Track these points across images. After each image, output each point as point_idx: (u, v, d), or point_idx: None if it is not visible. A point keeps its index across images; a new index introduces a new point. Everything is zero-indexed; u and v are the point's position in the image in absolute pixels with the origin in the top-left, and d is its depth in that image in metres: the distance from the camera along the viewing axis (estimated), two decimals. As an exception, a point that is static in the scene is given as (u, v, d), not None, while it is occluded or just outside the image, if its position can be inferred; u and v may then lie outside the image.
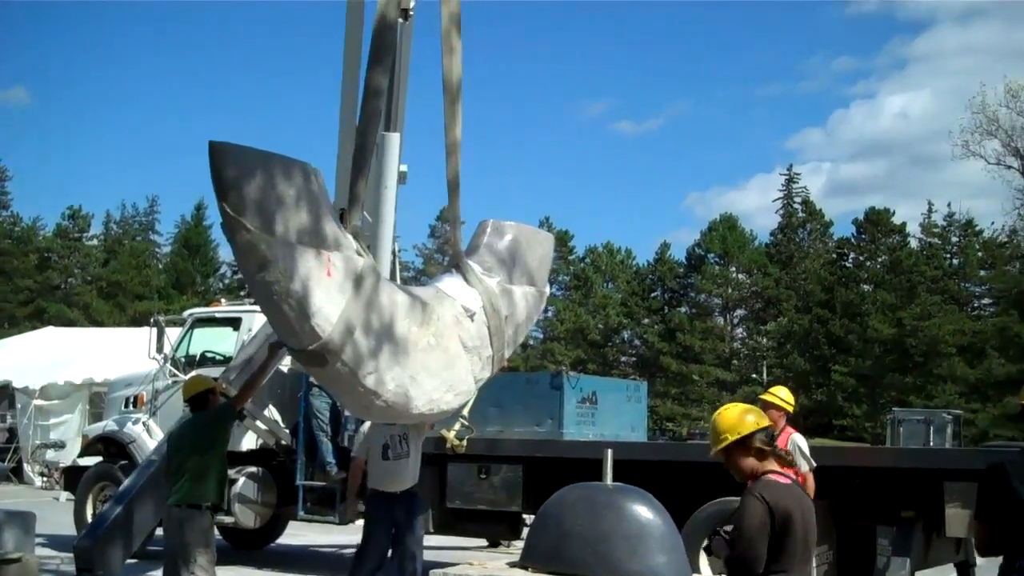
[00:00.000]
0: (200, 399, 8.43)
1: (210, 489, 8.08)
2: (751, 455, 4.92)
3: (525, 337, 8.10)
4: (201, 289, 67.22)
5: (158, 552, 13.74)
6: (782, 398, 9.14)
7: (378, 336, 6.52)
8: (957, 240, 62.83)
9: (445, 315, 7.15)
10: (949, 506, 9.37)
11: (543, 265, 8.09)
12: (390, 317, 6.66)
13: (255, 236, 5.93)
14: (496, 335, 7.42)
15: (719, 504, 10.20)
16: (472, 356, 7.31)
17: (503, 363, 7.78)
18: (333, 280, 6.20)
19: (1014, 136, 58.68)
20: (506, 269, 7.73)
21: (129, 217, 75.06)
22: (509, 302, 7.61)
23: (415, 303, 7.00)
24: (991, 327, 52.51)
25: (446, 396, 7.18)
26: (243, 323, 13.88)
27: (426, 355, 6.95)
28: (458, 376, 7.20)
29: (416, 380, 6.87)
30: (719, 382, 62.41)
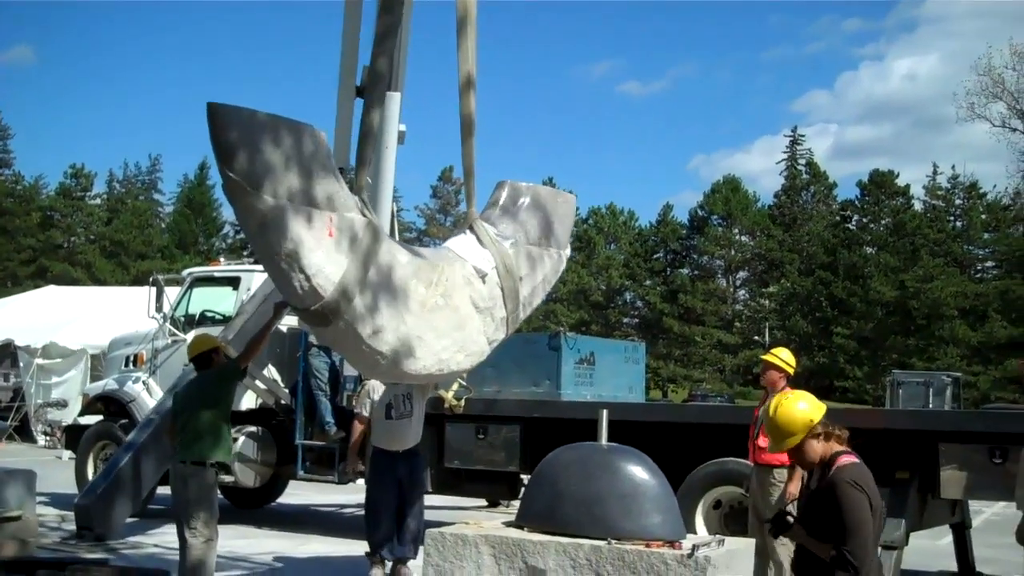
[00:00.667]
0: (204, 358, 8.49)
1: (215, 447, 8.12)
2: (818, 439, 4.95)
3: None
4: (204, 248, 67.32)
5: (159, 511, 13.88)
6: (783, 359, 9.13)
7: (382, 296, 6.55)
8: (961, 203, 62.69)
9: (455, 276, 7.13)
10: (944, 468, 9.39)
11: (563, 226, 7.99)
12: (395, 277, 6.68)
13: (255, 198, 5.97)
14: (510, 296, 7.38)
15: (716, 464, 10.24)
16: (484, 317, 7.29)
17: (518, 323, 7.74)
18: (335, 241, 6.23)
19: (1020, 99, 58.44)
20: (523, 230, 7.67)
21: (132, 176, 75.11)
22: (525, 263, 7.55)
23: (423, 263, 6.99)
24: (993, 290, 52.59)
25: (456, 356, 7.18)
26: (242, 282, 13.88)
27: (434, 315, 6.95)
28: (469, 337, 7.19)
29: (423, 340, 6.88)
30: (721, 344, 62.51)
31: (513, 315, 7.46)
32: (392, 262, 6.72)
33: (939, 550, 12.16)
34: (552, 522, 7.25)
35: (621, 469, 7.41)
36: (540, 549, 7.03)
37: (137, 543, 11.66)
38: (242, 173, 5.96)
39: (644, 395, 15.24)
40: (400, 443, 9.36)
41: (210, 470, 8.10)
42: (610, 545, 6.84)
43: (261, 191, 5.98)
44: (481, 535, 7.34)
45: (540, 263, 7.68)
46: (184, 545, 8.17)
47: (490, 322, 7.33)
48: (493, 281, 7.34)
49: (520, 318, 7.61)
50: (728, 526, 10.11)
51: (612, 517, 7.10)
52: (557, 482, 7.50)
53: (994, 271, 59.67)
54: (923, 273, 53.82)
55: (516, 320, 7.56)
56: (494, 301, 7.33)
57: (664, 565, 6.66)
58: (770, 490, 8.73)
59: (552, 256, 7.78)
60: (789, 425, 4.93)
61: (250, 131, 6.01)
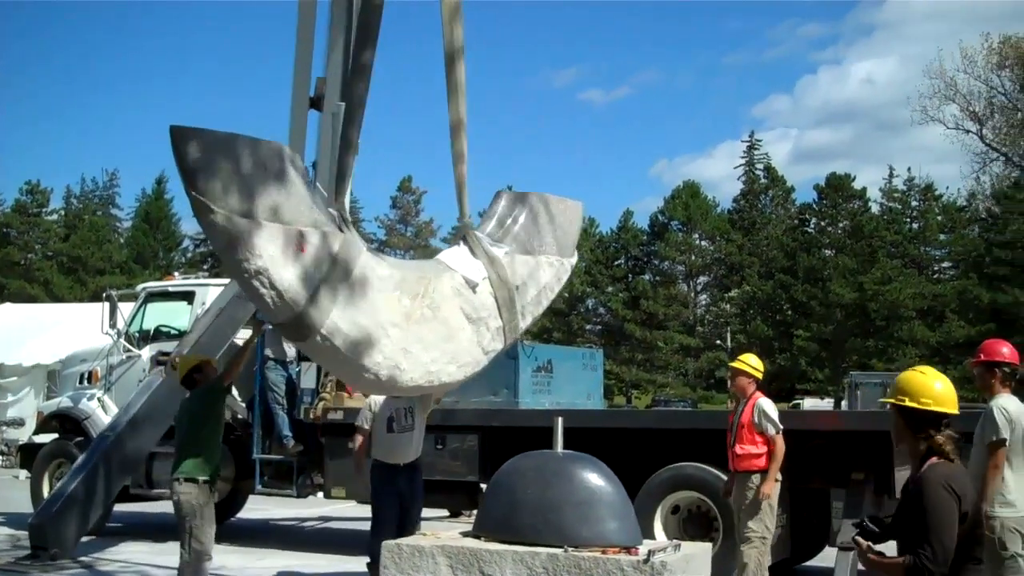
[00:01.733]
0: (187, 379, 8.69)
1: (199, 464, 8.27)
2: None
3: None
4: (163, 263, 66.67)
5: (116, 529, 13.76)
6: (751, 365, 9.22)
7: (361, 309, 6.58)
8: (917, 204, 63.28)
9: (443, 287, 7.11)
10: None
11: (565, 233, 7.90)
12: (375, 291, 6.69)
13: (220, 217, 6.06)
14: (505, 306, 7.34)
15: (673, 470, 10.26)
16: (478, 327, 7.25)
17: (518, 333, 7.66)
18: (307, 256, 6.31)
19: (972, 101, 59.21)
20: (520, 239, 7.60)
21: (89, 191, 74.36)
22: (522, 272, 7.48)
23: (407, 276, 6.99)
24: (951, 290, 53.18)
25: (447, 368, 7.14)
26: (196, 297, 13.78)
27: (420, 327, 6.94)
28: (461, 348, 7.16)
29: (409, 352, 6.87)
30: (683, 348, 62.77)
31: (511, 324, 7.41)
32: (371, 276, 6.73)
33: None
34: (509, 531, 7.24)
35: (577, 476, 7.40)
36: (497, 558, 7.01)
37: (92, 562, 11.52)
38: (206, 193, 6.05)
39: (603, 402, 15.25)
40: (401, 456, 9.32)
41: (202, 487, 8.24)
42: (567, 553, 6.83)
43: (227, 210, 6.06)
44: (438, 546, 7.31)
45: (539, 271, 7.61)
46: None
47: (485, 332, 7.29)
48: (486, 291, 7.30)
49: (521, 327, 7.56)
50: (686, 531, 10.14)
51: (569, 524, 7.09)
52: (513, 491, 7.48)
53: (951, 272, 60.33)
54: (881, 275, 54.27)
55: (515, 329, 7.51)
56: (488, 311, 7.29)
57: (620, 571, 6.65)
58: (746, 494, 8.85)
59: (553, 264, 7.71)
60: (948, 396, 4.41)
61: (213, 151, 6.09)
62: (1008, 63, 57.81)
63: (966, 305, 51.78)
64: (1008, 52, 57.44)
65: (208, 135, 6.12)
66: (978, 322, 50.34)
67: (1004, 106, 59.44)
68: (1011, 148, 59.73)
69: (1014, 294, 48.25)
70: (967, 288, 51.80)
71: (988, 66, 58.49)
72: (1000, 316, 49.58)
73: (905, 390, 4.45)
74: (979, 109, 59.81)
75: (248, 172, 6.16)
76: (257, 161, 6.24)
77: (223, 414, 8.94)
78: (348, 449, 12.27)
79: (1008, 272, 50.18)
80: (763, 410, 8.90)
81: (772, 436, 8.83)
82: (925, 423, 4.37)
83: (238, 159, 6.15)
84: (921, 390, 4.41)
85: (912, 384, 4.46)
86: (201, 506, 8.25)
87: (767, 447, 8.83)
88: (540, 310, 7.79)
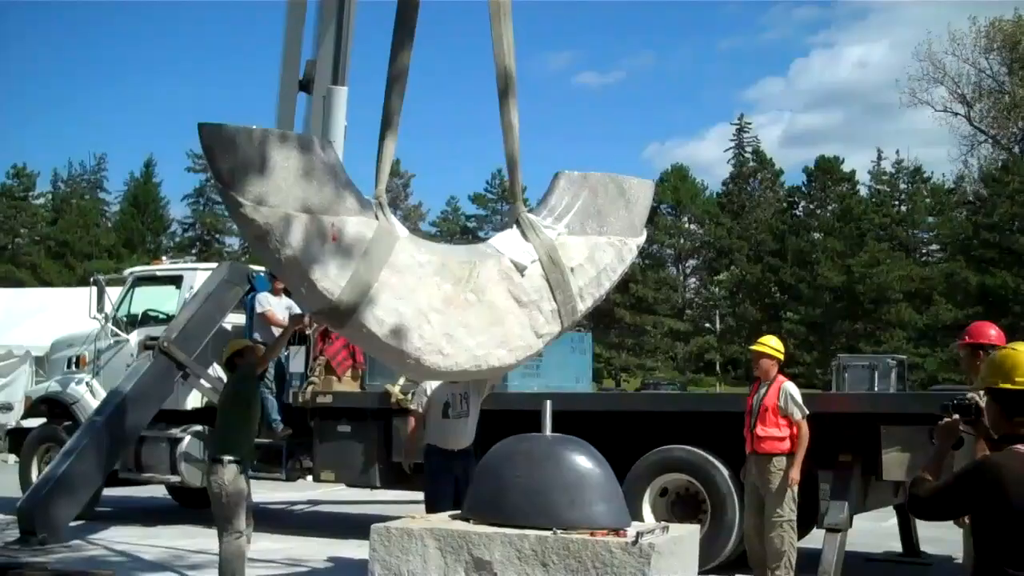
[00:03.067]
0: (229, 362, 8.99)
1: (231, 443, 8.45)
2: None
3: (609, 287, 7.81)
4: (152, 247, 66.46)
5: (105, 513, 13.76)
6: (773, 347, 9.28)
7: (398, 296, 6.69)
8: (905, 187, 63.38)
9: (489, 271, 7.11)
10: (886, 450, 9.49)
11: (633, 212, 7.74)
12: (414, 277, 6.78)
13: (249, 209, 6.29)
14: (558, 288, 7.27)
15: (662, 452, 10.30)
16: (530, 311, 7.21)
17: (577, 315, 7.54)
18: (340, 245, 6.47)
19: (960, 83, 59.29)
20: (579, 220, 7.49)
21: (76, 175, 73.92)
22: (578, 254, 7.37)
23: (449, 261, 7.02)
24: (938, 273, 53.30)
25: (496, 352, 7.13)
26: (184, 281, 13.76)
27: (464, 312, 6.97)
28: (511, 332, 7.15)
29: (453, 337, 6.92)
30: (673, 332, 62.81)
31: (567, 307, 7.32)
32: (409, 262, 6.82)
33: (884, 531, 12.33)
34: (498, 514, 7.26)
35: (565, 459, 7.42)
36: (486, 541, 7.03)
37: (81, 546, 11.54)
38: (235, 187, 6.30)
39: (591, 385, 15.26)
40: (455, 442, 9.29)
41: (228, 466, 8.35)
42: (555, 535, 6.85)
43: (254, 202, 6.28)
44: (426, 528, 7.32)
45: (599, 253, 7.47)
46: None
47: (537, 315, 7.25)
48: (536, 273, 7.25)
49: (580, 309, 7.43)
50: (675, 513, 10.18)
51: (557, 507, 7.11)
52: (502, 474, 7.50)
53: (939, 254, 60.42)
54: (869, 258, 54.32)
55: (573, 311, 7.40)
56: (539, 294, 7.25)
57: (609, 553, 6.68)
58: (770, 478, 8.89)
59: (614, 244, 7.55)
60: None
61: (240, 145, 6.31)
62: (996, 46, 57.92)
63: (954, 288, 51.89)
64: (996, 35, 57.53)
65: (235, 130, 6.30)
66: (966, 305, 50.46)
67: (992, 89, 59.57)
68: (999, 131, 59.87)
69: (1002, 277, 48.38)
70: (955, 271, 51.90)
71: (976, 49, 58.60)
72: (988, 299, 49.72)
73: (999, 371, 3.85)
74: (967, 92, 59.95)
75: (276, 165, 6.35)
76: (286, 154, 6.42)
77: (254, 399, 9.00)
78: (337, 432, 12.34)
79: (996, 255, 50.31)
80: (789, 393, 8.95)
81: (798, 420, 8.87)
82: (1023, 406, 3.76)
83: (266, 152, 6.36)
84: (1014, 368, 3.81)
85: (1007, 364, 3.85)
86: (228, 485, 8.34)
87: (790, 430, 8.88)
88: (602, 291, 7.64)
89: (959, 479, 3.70)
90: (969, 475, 3.67)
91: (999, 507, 3.53)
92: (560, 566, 6.78)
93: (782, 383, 9.04)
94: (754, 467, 9.05)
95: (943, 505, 3.76)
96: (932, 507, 3.80)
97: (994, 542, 3.58)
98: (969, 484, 3.65)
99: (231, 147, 6.27)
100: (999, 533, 3.56)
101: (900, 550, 11.49)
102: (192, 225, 72.88)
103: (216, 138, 6.28)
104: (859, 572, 10.03)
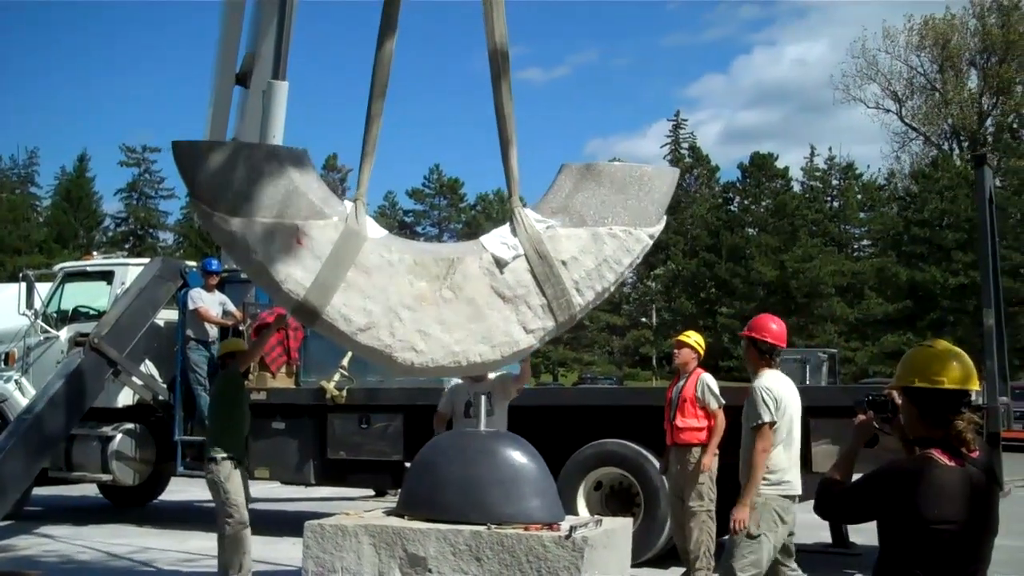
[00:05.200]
0: (221, 362, 9.33)
1: (223, 441, 8.80)
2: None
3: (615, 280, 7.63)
4: (84, 243, 65.43)
5: (34, 513, 13.55)
6: (696, 340, 9.42)
7: (366, 294, 6.94)
8: (838, 184, 64.29)
9: (469, 267, 7.13)
10: (816, 443, 9.64)
11: (645, 201, 7.47)
12: (384, 276, 6.99)
13: (218, 220, 6.77)
14: (546, 282, 7.17)
15: (595, 446, 10.37)
16: (516, 305, 7.15)
17: (574, 309, 7.39)
18: (305, 248, 6.84)
19: (892, 80, 60.31)
20: (578, 212, 7.32)
21: (7, 169, 72.61)
22: (571, 246, 7.27)
23: (422, 259, 7.13)
24: (869, 268, 54.13)
25: (477, 348, 7.11)
26: (116, 276, 13.59)
27: (439, 309, 7.03)
28: (494, 327, 7.11)
29: (428, 334, 7.00)
30: (609, 326, 63.19)
31: (559, 301, 7.21)
32: (379, 262, 7.01)
33: (813, 522, 12.46)
34: (432, 509, 7.27)
35: (500, 454, 7.45)
36: (420, 537, 7.04)
37: (10, 546, 11.36)
38: (204, 198, 6.81)
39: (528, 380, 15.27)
40: None
41: (222, 463, 8.73)
42: (490, 530, 6.88)
43: (221, 211, 6.77)
44: (360, 525, 7.31)
45: (598, 244, 7.34)
46: None
47: (525, 310, 7.18)
48: (522, 268, 7.20)
49: (578, 302, 7.27)
50: (608, 506, 10.26)
51: (492, 502, 7.14)
52: (437, 469, 7.52)
53: (870, 249, 61.40)
54: (802, 253, 55.03)
55: (569, 305, 7.24)
56: (525, 288, 7.19)
57: (543, 547, 6.72)
58: (689, 468, 9.02)
59: (617, 235, 7.32)
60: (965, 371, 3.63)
61: (210, 159, 6.83)
62: (928, 44, 59.02)
63: (884, 282, 52.76)
64: (928, 33, 58.63)
65: (206, 145, 6.91)
66: (896, 299, 51.38)
67: (923, 86, 60.69)
68: (929, 128, 61.04)
69: (931, 272, 49.29)
70: (885, 266, 52.77)
71: (908, 46, 59.74)
72: (917, 293, 50.67)
73: (915, 369, 3.65)
74: (899, 89, 61.06)
75: (244, 175, 6.82)
76: (253, 164, 6.88)
77: (239, 396, 9.19)
78: (271, 429, 12.26)
79: (925, 250, 51.27)
80: (707, 384, 9.11)
81: (714, 410, 9.01)
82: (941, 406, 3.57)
83: (235, 164, 6.86)
84: (932, 366, 3.62)
85: (924, 361, 3.66)
86: (225, 481, 8.73)
87: (708, 421, 9.01)
88: (606, 283, 7.43)
89: (868, 483, 3.55)
90: (880, 479, 3.53)
91: (908, 515, 3.42)
92: (494, 560, 6.81)
93: (700, 374, 9.19)
94: (674, 458, 9.16)
95: (851, 509, 3.67)
96: (840, 510, 3.70)
97: (901, 550, 3.48)
98: (879, 489, 3.51)
99: (201, 160, 6.78)
100: (907, 541, 3.45)
101: (829, 540, 11.68)
102: (125, 220, 71.90)
103: (188, 153, 6.80)
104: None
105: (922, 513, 3.38)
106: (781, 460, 6.80)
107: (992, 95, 58.80)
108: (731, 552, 6.74)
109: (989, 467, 3.55)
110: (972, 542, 3.44)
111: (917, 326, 49.52)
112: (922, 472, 3.43)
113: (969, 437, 3.49)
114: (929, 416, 3.57)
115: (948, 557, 3.40)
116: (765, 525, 6.66)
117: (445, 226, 73.02)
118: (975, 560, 3.47)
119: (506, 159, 7.51)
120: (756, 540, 6.64)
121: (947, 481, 3.41)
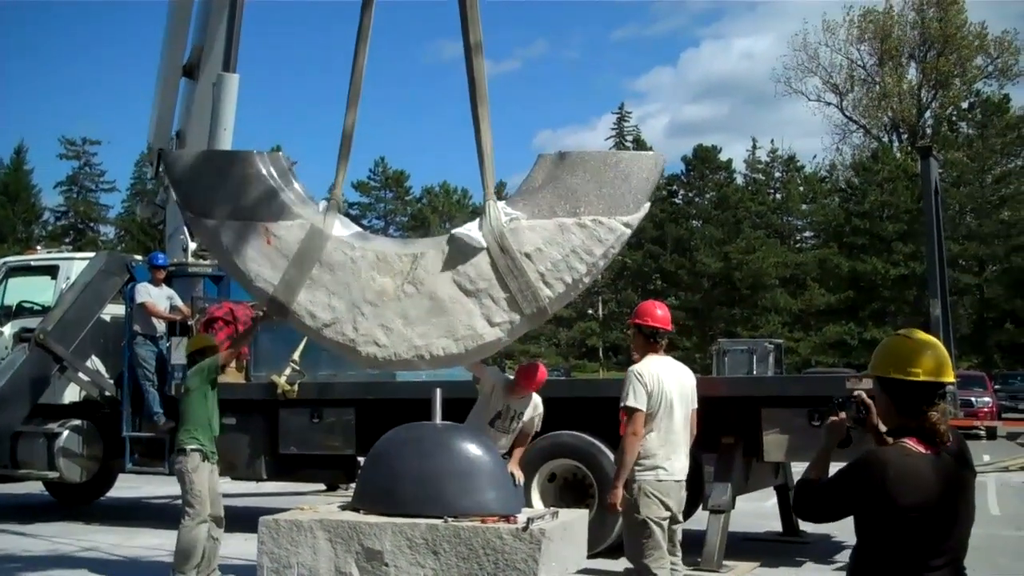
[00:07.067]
0: (190, 359, 9.33)
1: (191, 434, 8.81)
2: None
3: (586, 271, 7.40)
4: (23, 236, 64.26)
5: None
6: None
7: (330, 290, 7.34)
8: (780, 176, 64.89)
9: (432, 263, 7.26)
10: (767, 432, 9.75)
11: (620, 190, 7.27)
12: (347, 272, 7.34)
13: (198, 222, 7.66)
14: (508, 275, 7.10)
15: (549, 438, 10.38)
16: (480, 299, 7.12)
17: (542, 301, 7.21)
18: (273, 247, 7.38)
19: (833, 73, 60.99)
20: (546, 203, 7.13)
21: (-59, 162, 71.06)
22: (535, 237, 7.12)
23: (385, 255, 7.37)
24: (812, 259, 54.72)
25: (440, 342, 7.18)
26: (61, 271, 13.40)
27: (401, 304, 7.23)
28: (457, 321, 7.16)
29: (390, 329, 7.23)
30: (556, 318, 63.21)
31: (524, 293, 7.12)
32: (343, 259, 7.36)
33: (765, 511, 12.66)
34: (389, 503, 7.28)
35: (456, 447, 7.48)
36: (377, 531, 7.05)
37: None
38: (185, 202, 7.73)
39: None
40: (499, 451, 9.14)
41: (190, 455, 8.74)
42: (446, 523, 6.91)
43: (199, 215, 7.57)
44: (316, 520, 7.31)
45: (565, 235, 7.16)
46: None
47: (490, 304, 7.15)
48: (484, 262, 7.15)
49: (545, 295, 7.10)
50: (563, 498, 10.29)
51: (448, 495, 7.17)
52: (393, 463, 7.53)
53: (812, 241, 62.03)
54: (746, 245, 55.48)
55: (535, 298, 7.09)
56: (487, 282, 7.16)
57: (500, 540, 6.76)
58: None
59: (586, 225, 7.17)
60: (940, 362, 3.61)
61: (191, 167, 7.79)
62: (868, 36, 59.74)
63: (827, 274, 53.33)
64: (867, 26, 59.34)
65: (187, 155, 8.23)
66: (838, 290, 51.98)
67: (863, 79, 61.43)
68: (870, 120, 61.79)
69: (872, 262, 49.91)
70: (827, 257, 53.34)
71: (849, 39, 60.41)
72: (859, 284, 51.31)
73: (890, 360, 3.62)
74: (840, 82, 61.74)
75: (220, 181, 7.52)
76: (228, 170, 7.57)
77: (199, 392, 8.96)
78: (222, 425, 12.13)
79: (866, 241, 51.88)
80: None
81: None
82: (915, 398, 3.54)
83: (212, 171, 7.69)
84: (908, 358, 3.59)
85: (899, 353, 3.64)
86: (191, 472, 8.70)
87: None
88: (576, 275, 7.17)
89: (842, 476, 3.52)
90: (852, 471, 3.48)
91: (882, 503, 3.38)
92: (451, 553, 6.84)
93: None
94: None
95: (829, 504, 3.59)
96: (819, 508, 3.64)
97: (877, 537, 3.46)
98: (852, 481, 3.47)
99: (183, 167, 7.67)
100: (882, 529, 3.43)
101: (780, 529, 11.82)
102: (65, 213, 70.77)
103: (170, 161, 7.93)
104: (739, 551, 10.27)
105: (895, 500, 3.36)
106: (654, 445, 6.67)
107: (931, 88, 59.63)
108: (631, 548, 6.71)
109: (961, 454, 3.56)
110: (946, 528, 3.43)
111: (859, 316, 50.19)
112: (894, 460, 3.41)
113: (943, 429, 3.47)
114: (903, 407, 3.55)
115: (923, 543, 3.39)
116: (646, 509, 6.59)
117: (391, 219, 72.70)
118: (951, 547, 3.46)
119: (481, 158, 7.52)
120: (642, 524, 6.59)
121: (920, 468, 3.40)
